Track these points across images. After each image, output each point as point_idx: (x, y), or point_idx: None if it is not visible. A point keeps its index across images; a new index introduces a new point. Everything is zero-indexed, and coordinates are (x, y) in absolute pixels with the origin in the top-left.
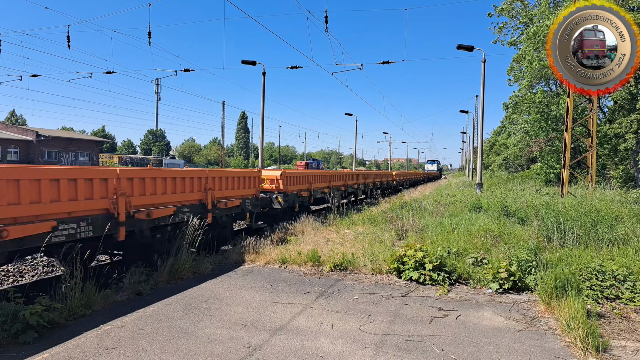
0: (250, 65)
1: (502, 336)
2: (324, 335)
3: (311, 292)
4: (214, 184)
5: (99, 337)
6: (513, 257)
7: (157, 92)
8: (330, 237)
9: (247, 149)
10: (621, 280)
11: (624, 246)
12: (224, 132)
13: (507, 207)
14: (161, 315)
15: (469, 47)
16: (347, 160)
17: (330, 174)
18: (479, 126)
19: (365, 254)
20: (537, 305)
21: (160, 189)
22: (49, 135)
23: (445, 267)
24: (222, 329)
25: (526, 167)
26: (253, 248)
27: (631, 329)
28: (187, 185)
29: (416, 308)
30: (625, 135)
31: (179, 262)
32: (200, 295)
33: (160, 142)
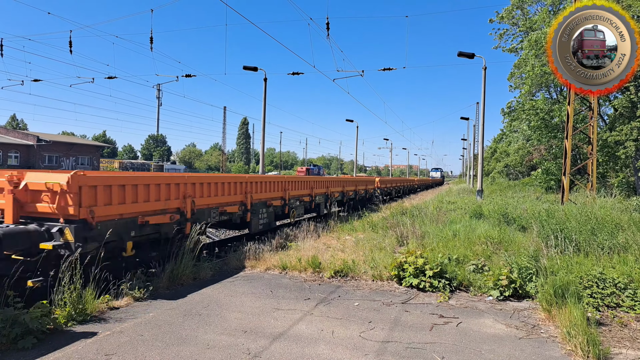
0: (252, 71)
1: (503, 344)
2: (324, 342)
3: (311, 299)
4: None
5: (98, 343)
6: (514, 265)
7: (159, 97)
8: (330, 243)
9: (248, 155)
10: (622, 288)
11: (624, 254)
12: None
13: (507, 214)
14: (161, 321)
15: (470, 55)
16: (348, 166)
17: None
18: (480, 133)
19: (366, 261)
20: (538, 312)
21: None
22: (50, 140)
23: (445, 274)
24: (222, 335)
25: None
26: (253, 254)
27: (632, 337)
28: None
29: (417, 315)
30: (626, 142)
31: (179, 267)
32: (200, 301)
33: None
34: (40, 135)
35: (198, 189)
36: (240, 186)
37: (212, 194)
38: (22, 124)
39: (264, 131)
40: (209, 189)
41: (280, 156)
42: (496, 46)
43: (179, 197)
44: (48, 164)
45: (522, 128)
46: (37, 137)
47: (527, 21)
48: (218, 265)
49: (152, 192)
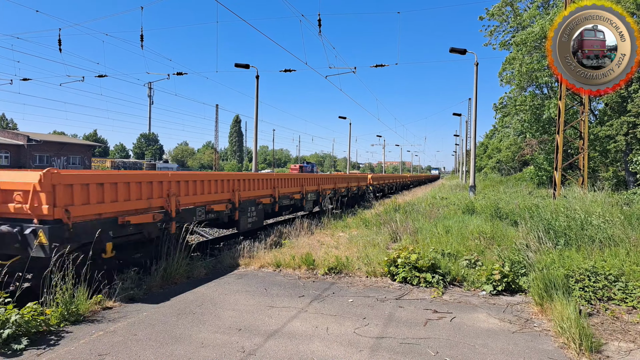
0: (244, 68)
1: (497, 338)
2: (319, 339)
3: (306, 296)
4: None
5: (91, 343)
6: (506, 259)
7: (150, 95)
8: (324, 240)
9: (241, 153)
10: (612, 281)
11: (615, 247)
12: (217, 135)
13: (500, 209)
14: (154, 320)
15: (462, 51)
16: (341, 164)
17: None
18: (472, 129)
19: (360, 257)
20: (531, 306)
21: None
22: (40, 140)
23: (439, 269)
24: (216, 334)
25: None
26: (247, 252)
27: (623, 329)
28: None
29: (411, 311)
30: (617, 137)
31: (172, 266)
32: (194, 299)
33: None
34: (30, 135)
35: (183, 187)
36: (227, 184)
37: (197, 192)
38: (12, 123)
39: (257, 129)
40: (194, 187)
41: (274, 154)
42: (487, 43)
43: (162, 195)
44: (39, 164)
45: (513, 123)
46: (28, 136)
47: (516, 18)
48: (212, 263)
49: (133, 191)
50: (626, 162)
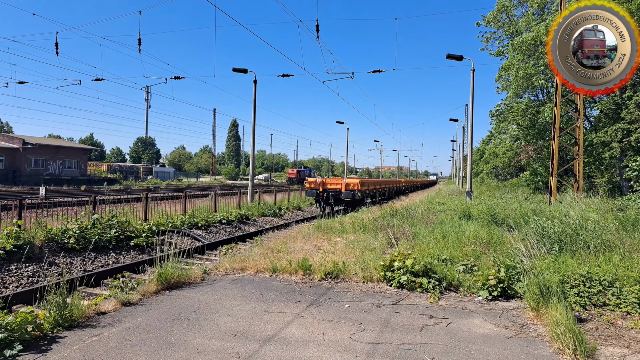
0: (242, 73)
1: (492, 343)
2: (315, 345)
3: (302, 301)
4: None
5: (85, 349)
6: (502, 265)
7: (147, 99)
8: (321, 245)
9: (238, 157)
10: (607, 286)
11: (610, 253)
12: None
13: (496, 214)
14: (149, 325)
15: (458, 57)
16: (339, 168)
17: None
18: (469, 134)
19: (357, 262)
20: (526, 312)
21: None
22: (36, 143)
23: (435, 275)
24: (211, 339)
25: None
26: (244, 257)
27: (618, 334)
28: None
29: (407, 316)
30: (611, 144)
31: (167, 270)
32: (189, 305)
33: (150, 150)
34: (26, 138)
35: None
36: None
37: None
38: (7, 126)
39: (254, 133)
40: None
41: (271, 158)
42: (483, 48)
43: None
44: (34, 168)
45: (510, 129)
46: (23, 140)
47: (512, 25)
48: (208, 268)
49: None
50: (621, 168)
